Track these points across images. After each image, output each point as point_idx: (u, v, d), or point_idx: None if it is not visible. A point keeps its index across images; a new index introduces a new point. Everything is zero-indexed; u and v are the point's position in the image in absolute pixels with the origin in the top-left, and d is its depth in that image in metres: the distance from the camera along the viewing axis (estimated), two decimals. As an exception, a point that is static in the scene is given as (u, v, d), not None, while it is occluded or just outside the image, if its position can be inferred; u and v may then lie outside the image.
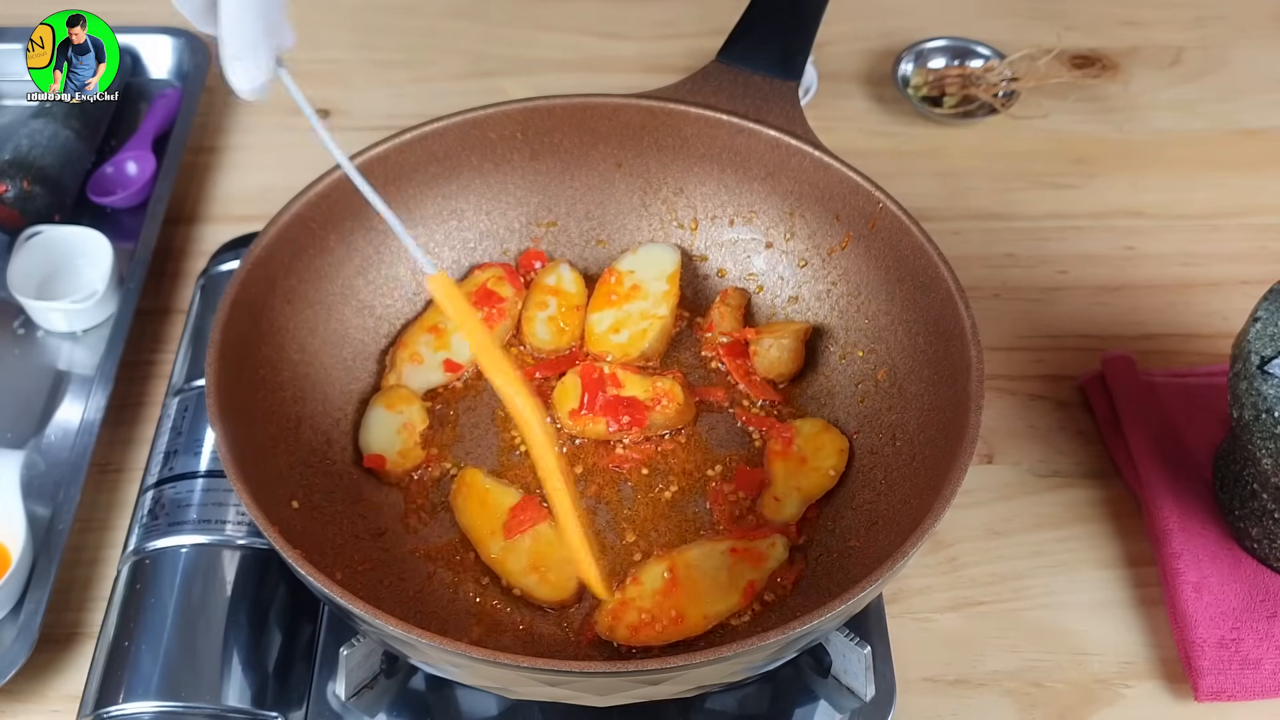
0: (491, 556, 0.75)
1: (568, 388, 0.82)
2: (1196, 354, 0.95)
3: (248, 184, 1.08)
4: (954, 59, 1.16)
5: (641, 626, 0.71)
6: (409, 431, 0.80)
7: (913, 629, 0.81)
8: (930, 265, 0.76)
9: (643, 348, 0.85)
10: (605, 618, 0.72)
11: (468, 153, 0.86)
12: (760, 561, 0.74)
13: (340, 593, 0.61)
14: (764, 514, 0.78)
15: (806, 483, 0.79)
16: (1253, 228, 1.05)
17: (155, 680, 0.70)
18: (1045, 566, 0.84)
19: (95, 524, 0.85)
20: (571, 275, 0.88)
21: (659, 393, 0.81)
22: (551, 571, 0.74)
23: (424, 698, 0.74)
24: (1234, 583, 0.80)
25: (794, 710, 0.74)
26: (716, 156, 0.86)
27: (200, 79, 1.11)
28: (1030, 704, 0.78)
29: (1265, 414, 0.71)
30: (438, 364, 0.84)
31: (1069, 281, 1.01)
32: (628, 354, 0.85)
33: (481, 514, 0.77)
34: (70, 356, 0.94)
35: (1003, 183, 1.08)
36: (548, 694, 0.64)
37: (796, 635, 0.60)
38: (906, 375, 0.79)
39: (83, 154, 1.03)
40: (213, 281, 0.91)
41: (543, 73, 1.18)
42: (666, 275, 0.87)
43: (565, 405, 0.82)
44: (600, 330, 0.86)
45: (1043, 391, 0.94)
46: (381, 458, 0.79)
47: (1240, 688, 0.76)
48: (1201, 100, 1.16)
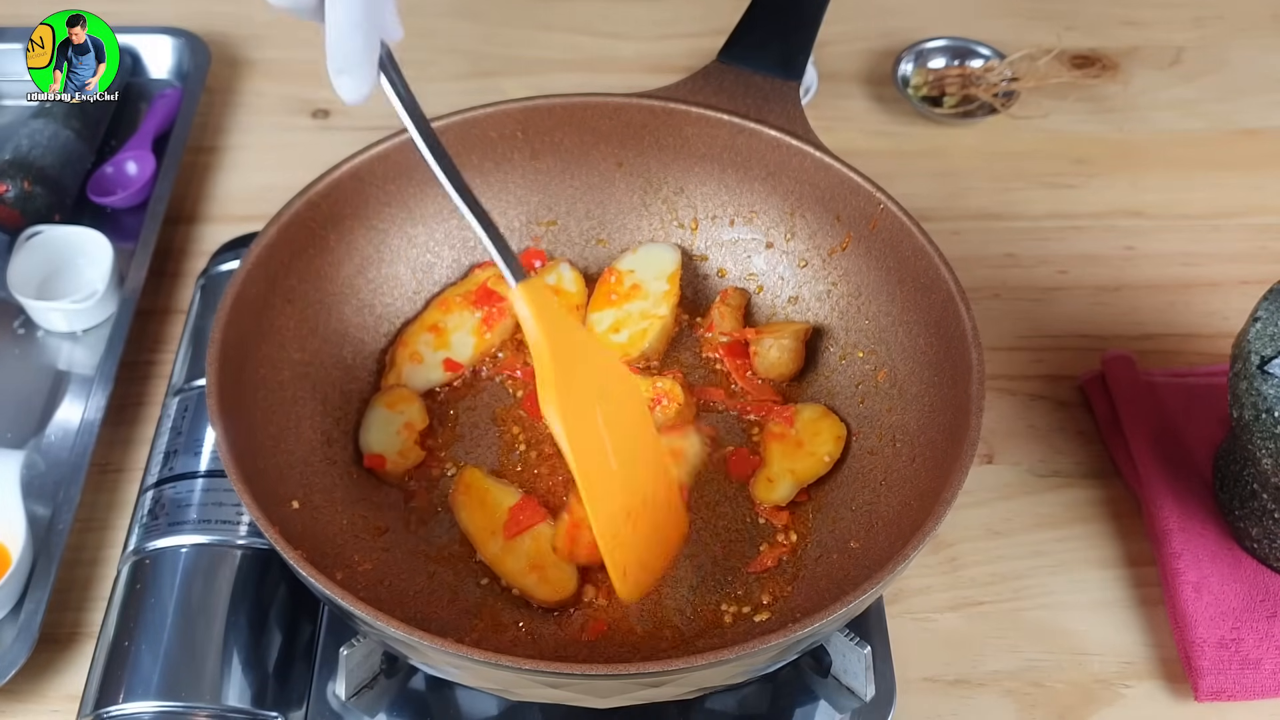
0: (491, 555, 0.75)
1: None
2: (1196, 354, 0.95)
3: (248, 184, 1.08)
4: (954, 59, 1.16)
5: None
6: (409, 431, 0.80)
7: (913, 629, 0.81)
8: (931, 266, 0.76)
9: (643, 347, 0.85)
10: (563, 544, 0.74)
11: (468, 152, 0.86)
12: (679, 457, 0.79)
13: (340, 593, 0.61)
14: (756, 494, 0.78)
15: (800, 466, 0.79)
16: (1253, 228, 1.05)
17: (155, 680, 0.70)
18: (1045, 566, 0.84)
19: (95, 524, 0.85)
20: (571, 274, 0.88)
21: (659, 393, 0.81)
22: (551, 571, 0.74)
23: (424, 698, 0.74)
24: (1234, 583, 0.80)
25: (794, 710, 0.74)
26: (717, 156, 0.86)
27: (200, 79, 1.11)
28: (1030, 704, 0.78)
29: (1265, 414, 0.71)
30: (438, 363, 0.84)
31: (1069, 281, 1.01)
32: (628, 354, 0.84)
33: (481, 514, 0.77)
34: (70, 356, 0.94)
35: (1003, 183, 1.08)
36: (548, 695, 0.64)
37: (798, 638, 0.60)
38: (907, 376, 0.79)
39: (83, 154, 1.03)
40: (213, 281, 0.91)
41: (543, 73, 1.18)
42: (667, 275, 0.87)
43: None
44: (600, 330, 0.86)
45: (1043, 391, 0.94)
46: (382, 457, 0.79)
47: (1240, 688, 0.76)
48: (1201, 100, 1.16)
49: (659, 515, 0.74)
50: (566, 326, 0.68)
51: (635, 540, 0.72)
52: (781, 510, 0.78)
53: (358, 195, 0.82)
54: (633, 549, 0.72)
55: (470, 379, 0.85)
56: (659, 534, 0.75)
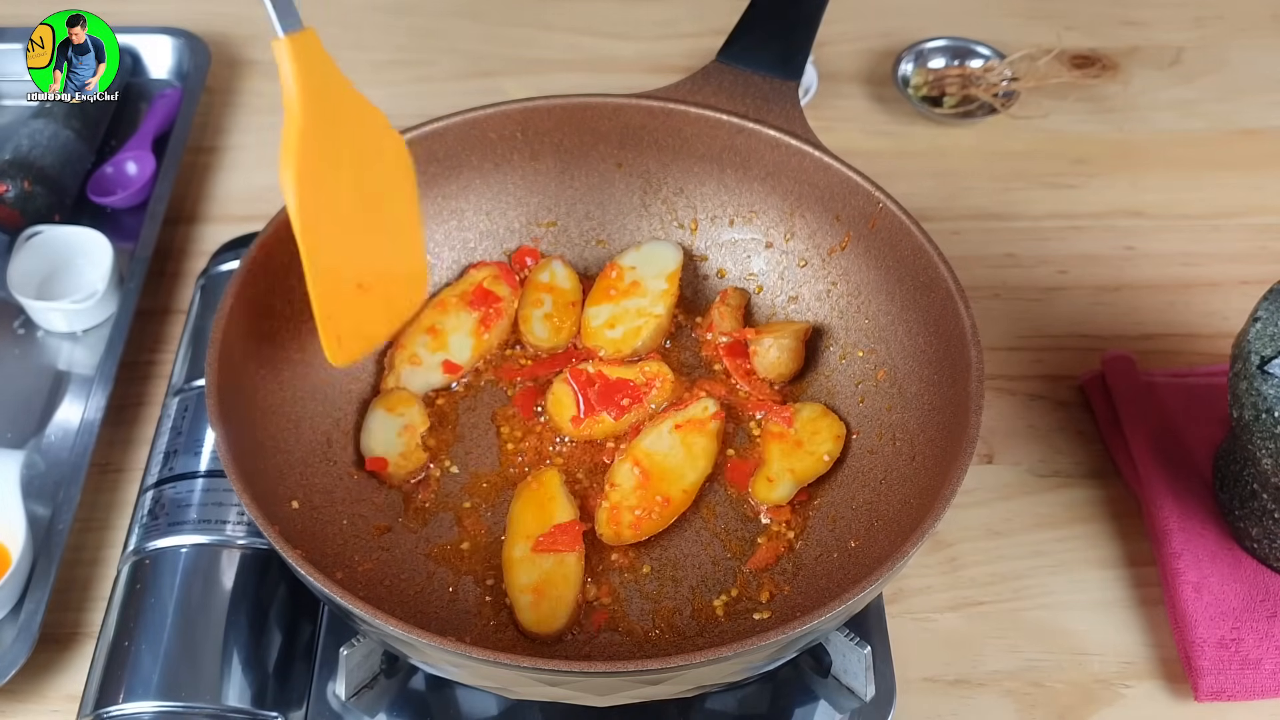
0: (510, 556, 0.75)
1: (560, 398, 0.82)
2: (1196, 354, 0.95)
3: (248, 184, 1.08)
4: (954, 59, 1.16)
5: (638, 522, 0.76)
6: (410, 434, 0.80)
7: (913, 629, 0.81)
8: (930, 265, 0.76)
9: (635, 345, 0.85)
10: (606, 527, 0.76)
11: (468, 153, 0.86)
12: (702, 427, 0.80)
13: (340, 593, 0.61)
14: (756, 493, 0.79)
15: (800, 466, 0.79)
16: (1253, 228, 1.05)
17: (155, 680, 0.70)
18: (1045, 566, 0.84)
19: (95, 524, 0.85)
20: (565, 271, 0.88)
21: (649, 376, 0.82)
22: (546, 602, 0.73)
23: (424, 698, 0.74)
24: (1234, 583, 0.80)
25: (794, 710, 0.74)
26: (717, 156, 0.86)
27: (200, 79, 1.11)
28: (1030, 704, 0.78)
29: (1265, 414, 0.71)
30: (436, 365, 0.84)
31: (1069, 281, 1.01)
32: (620, 350, 0.85)
33: (532, 512, 0.76)
34: (70, 356, 0.94)
35: (1002, 183, 1.08)
36: (548, 694, 0.64)
37: (796, 635, 0.60)
38: (906, 375, 0.79)
39: (83, 154, 1.03)
40: (213, 281, 0.91)
41: (543, 73, 1.18)
42: (667, 274, 0.87)
43: (564, 415, 0.82)
44: (595, 324, 0.86)
45: (1043, 391, 0.94)
46: (384, 460, 0.79)
47: (1240, 688, 0.76)
48: (1201, 100, 1.16)
49: (394, 288, 0.78)
50: (331, 90, 0.69)
51: (360, 310, 0.75)
52: (781, 508, 0.78)
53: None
54: (354, 318, 0.75)
55: (470, 381, 0.85)
56: (390, 307, 0.79)
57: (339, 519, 0.76)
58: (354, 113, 0.72)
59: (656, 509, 0.77)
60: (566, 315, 0.87)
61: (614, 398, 0.81)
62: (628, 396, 0.81)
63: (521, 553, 0.74)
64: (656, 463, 0.78)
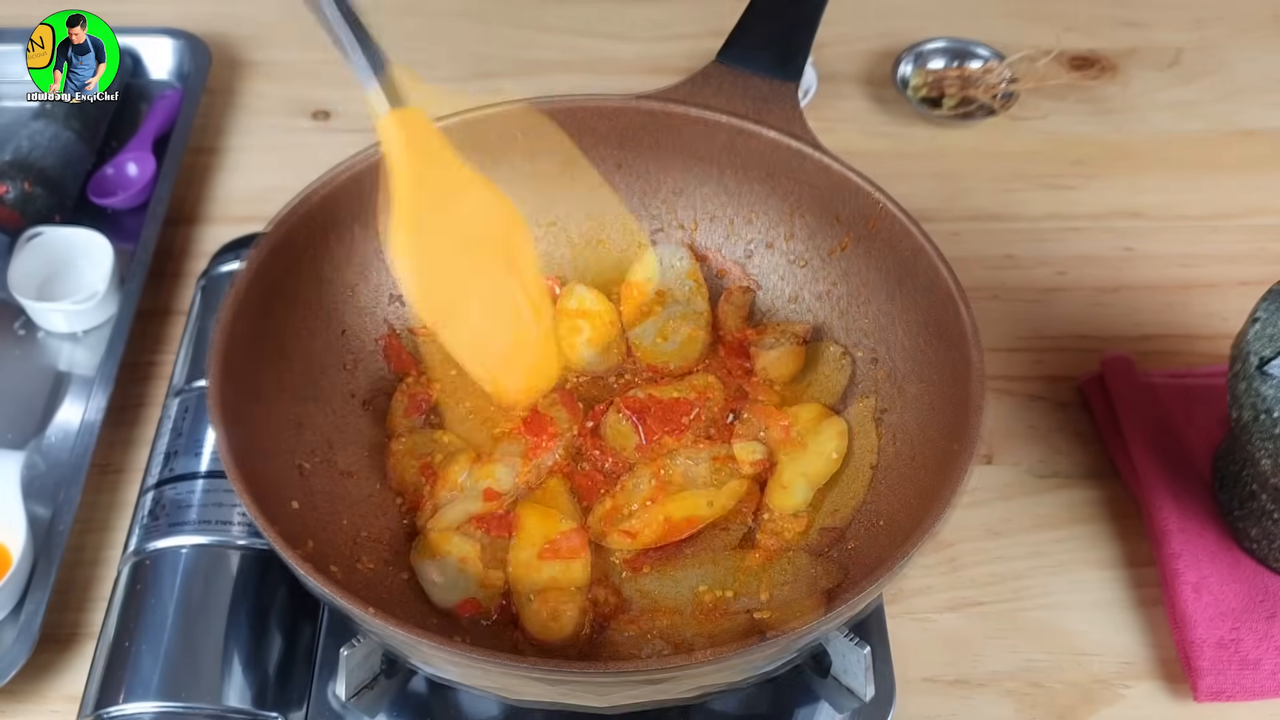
0: (516, 559, 0.74)
1: (619, 429, 0.79)
2: (1195, 355, 0.95)
3: (248, 185, 1.08)
4: (953, 60, 1.16)
5: (633, 531, 0.74)
6: (470, 563, 0.74)
7: (913, 629, 0.81)
8: (930, 266, 0.76)
9: (698, 349, 0.84)
10: (598, 523, 0.75)
11: (467, 153, 0.85)
12: (739, 469, 0.78)
13: (340, 593, 0.61)
14: (772, 503, 0.77)
15: (811, 468, 0.78)
16: (1251, 228, 1.05)
17: (155, 681, 0.70)
18: (1045, 567, 0.84)
19: (95, 524, 0.85)
20: (592, 295, 0.87)
21: (699, 390, 0.81)
22: (548, 609, 0.72)
23: (424, 698, 0.74)
24: (1233, 583, 0.80)
25: (794, 710, 0.74)
26: (716, 157, 0.86)
27: (201, 80, 1.11)
28: (1030, 704, 0.78)
29: (1264, 414, 0.71)
30: (478, 494, 0.77)
31: (1068, 282, 1.01)
32: (686, 358, 0.84)
33: (535, 520, 0.75)
34: (71, 357, 0.94)
35: (1002, 184, 1.09)
36: (548, 695, 0.64)
37: (797, 637, 0.60)
38: (907, 376, 0.79)
39: (83, 155, 1.03)
40: (213, 283, 0.91)
41: (543, 73, 1.18)
42: (686, 273, 0.87)
43: (628, 445, 0.79)
44: (647, 343, 0.85)
45: (1042, 392, 0.94)
46: (473, 602, 0.72)
47: (1239, 688, 0.76)
48: (1201, 101, 1.16)
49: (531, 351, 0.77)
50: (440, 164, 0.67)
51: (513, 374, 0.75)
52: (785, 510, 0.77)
53: (358, 197, 0.82)
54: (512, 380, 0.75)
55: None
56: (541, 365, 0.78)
57: (339, 519, 0.76)
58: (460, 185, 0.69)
59: (655, 526, 0.75)
60: (607, 335, 0.85)
61: (671, 419, 0.80)
62: (685, 414, 0.80)
63: (528, 556, 0.74)
64: (677, 484, 0.77)
